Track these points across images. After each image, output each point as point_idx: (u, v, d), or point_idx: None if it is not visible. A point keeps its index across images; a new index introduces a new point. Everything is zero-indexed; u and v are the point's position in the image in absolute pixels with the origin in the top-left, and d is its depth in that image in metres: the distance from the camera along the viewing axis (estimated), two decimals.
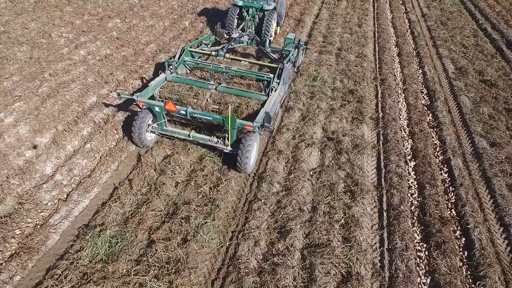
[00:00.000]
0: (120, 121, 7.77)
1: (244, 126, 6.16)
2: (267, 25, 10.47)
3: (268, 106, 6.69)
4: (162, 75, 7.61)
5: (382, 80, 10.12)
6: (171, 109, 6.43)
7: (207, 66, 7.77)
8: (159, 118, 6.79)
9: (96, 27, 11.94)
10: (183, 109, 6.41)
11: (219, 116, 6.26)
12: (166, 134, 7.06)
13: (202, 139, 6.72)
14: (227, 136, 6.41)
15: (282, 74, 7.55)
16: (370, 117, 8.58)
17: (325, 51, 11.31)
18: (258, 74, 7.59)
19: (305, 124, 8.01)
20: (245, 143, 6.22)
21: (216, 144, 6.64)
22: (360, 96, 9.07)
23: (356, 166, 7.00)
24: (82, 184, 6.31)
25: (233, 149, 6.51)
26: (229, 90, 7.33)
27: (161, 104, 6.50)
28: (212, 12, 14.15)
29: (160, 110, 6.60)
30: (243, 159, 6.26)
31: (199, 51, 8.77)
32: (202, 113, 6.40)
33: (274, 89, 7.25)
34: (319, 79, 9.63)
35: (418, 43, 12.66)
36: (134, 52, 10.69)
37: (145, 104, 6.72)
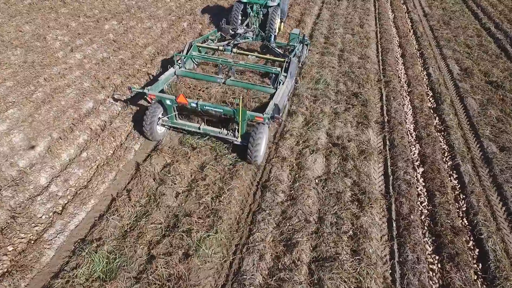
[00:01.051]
0: (117, 128, 7.50)
1: (254, 117, 6.26)
2: (271, 21, 10.53)
3: (277, 98, 6.78)
4: (171, 70, 7.69)
5: (386, 82, 9.88)
6: (182, 102, 6.46)
7: (216, 60, 7.87)
8: (170, 111, 6.87)
9: (92, 30, 11.65)
10: (194, 102, 6.46)
11: (230, 108, 6.35)
12: (176, 127, 7.15)
13: (212, 131, 6.82)
14: (237, 128, 6.50)
15: (289, 68, 7.67)
16: (375, 121, 8.34)
17: (327, 53, 11.06)
18: (266, 67, 7.75)
19: (309, 129, 7.76)
20: (255, 134, 6.30)
21: (226, 136, 6.74)
22: (365, 99, 8.83)
23: (363, 173, 6.76)
24: (78, 195, 6.04)
25: (243, 140, 6.59)
26: (237, 83, 7.40)
27: (172, 97, 6.57)
28: (211, 13, 13.87)
29: (171, 103, 6.66)
30: (253, 150, 6.34)
31: (206, 46, 8.87)
32: (212, 106, 6.45)
33: (282, 82, 7.37)
34: (322, 81, 9.38)
35: (422, 43, 12.42)
36: (132, 55, 10.41)
37: (156, 98, 6.78)
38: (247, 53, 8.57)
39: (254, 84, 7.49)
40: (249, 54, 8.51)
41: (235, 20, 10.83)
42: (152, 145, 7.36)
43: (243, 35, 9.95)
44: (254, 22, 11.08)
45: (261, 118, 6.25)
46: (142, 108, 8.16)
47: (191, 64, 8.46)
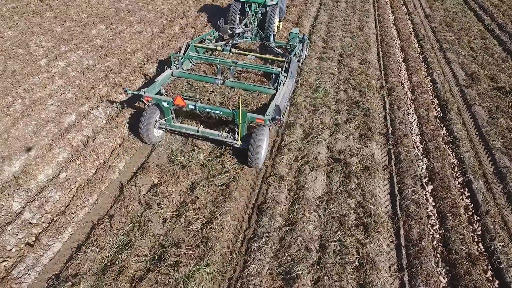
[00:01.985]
0: (100, 144, 6.91)
1: (255, 119, 6.04)
2: (270, 20, 10.31)
3: (278, 99, 6.56)
4: (168, 71, 7.47)
5: (389, 89, 9.34)
6: (180, 104, 6.22)
7: (214, 61, 7.64)
8: (167, 113, 6.68)
9: (78, 35, 11.04)
10: (192, 103, 6.25)
11: (229, 110, 6.13)
12: (174, 130, 6.93)
13: (211, 134, 6.61)
14: (237, 130, 6.29)
15: (290, 68, 7.44)
16: (379, 132, 7.80)
17: (326, 58, 10.51)
18: (266, 67, 7.51)
19: (308, 143, 7.20)
20: (256, 137, 6.09)
21: (225, 139, 6.53)
22: (367, 108, 8.28)
23: (367, 192, 6.21)
24: (54, 223, 5.45)
25: (243, 143, 6.38)
26: (236, 84, 7.16)
27: (169, 99, 6.37)
28: (205, 16, 13.29)
29: (168, 106, 6.46)
30: (254, 153, 6.13)
31: (204, 46, 8.65)
32: (211, 107, 6.25)
33: (282, 83, 7.13)
34: (322, 89, 8.83)
35: (424, 47, 11.90)
36: (119, 63, 9.82)
37: (152, 100, 6.54)
38: (246, 53, 8.33)
39: (254, 85, 7.20)
40: (248, 54, 8.28)
41: (233, 20, 10.58)
42: (138, 162, 6.78)
43: (241, 35, 9.72)
44: (253, 21, 10.82)
45: (262, 120, 6.01)
46: (134, 112, 7.59)
47: (189, 65, 8.21)
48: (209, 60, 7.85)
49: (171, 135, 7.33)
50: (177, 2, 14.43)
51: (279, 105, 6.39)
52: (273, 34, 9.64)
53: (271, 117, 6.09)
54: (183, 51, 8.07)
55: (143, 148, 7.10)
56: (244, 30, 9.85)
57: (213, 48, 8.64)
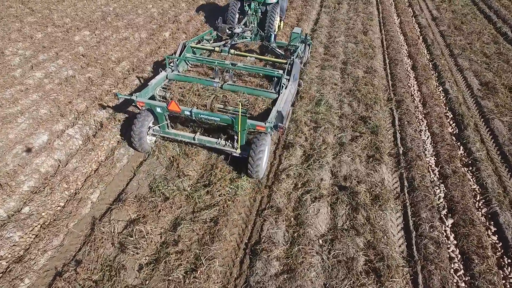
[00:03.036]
0: (72, 171, 6.06)
1: (255, 127, 5.64)
2: (270, 19, 9.85)
3: (280, 104, 6.15)
4: (163, 73, 6.99)
5: (398, 102, 8.49)
6: (174, 110, 5.82)
7: (212, 63, 7.16)
8: (161, 120, 6.25)
9: (59, 42, 10.19)
10: (187, 109, 5.84)
11: (228, 117, 5.71)
12: (168, 137, 6.50)
13: (208, 142, 6.22)
14: (236, 138, 5.89)
15: (292, 70, 7.00)
16: (388, 153, 6.95)
17: (328, 66, 9.66)
18: (268, 70, 7.10)
19: (309, 167, 6.36)
20: (257, 145, 5.68)
21: (224, 147, 6.13)
22: (374, 125, 7.43)
23: (378, 228, 5.36)
24: (8, 273, 4.60)
25: (243, 152, 5.99)
26: (236, 88, 6.71)
27: (163, 105, 5.94)
28: (197, 20, 12.44)
29: (162, 111, 6.05)
30: (255, 163, 5.69)
31: (201, 47, 8.18)
32: (208, 114, 5.84)
33: (285, 86, 6.65)
34: (324, 103, 7.98)
35: (433, 52, 11.04)
36: (102, 73, 8.97)
37: (145, 105, 6.13)
38: (245, 55, 7.94)
39: (254, 89, 6.72)
40: (247, 56, 7.89)
41: (232, 19, 10.10)
42: (115, 193, 5.92)
43: (241, 35, 9.24)
44: (252, 20, 10.35)
45: (263, 128, 5.60)
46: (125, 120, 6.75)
47: (185, 67, 7.77)
48: (206, 62, 7.37)
49: (155, 158, 6.48)
50: (169, 5, 13.57)
51: (282, 111, 5.90)
52: (274, 34, 9.18)
53: (273, 124, 5.61)
54: (179, 52, 7.58)
55: (121, 174, 6.25)
56: (244, 30, 9.36)
57: (211, 49, 8.17)
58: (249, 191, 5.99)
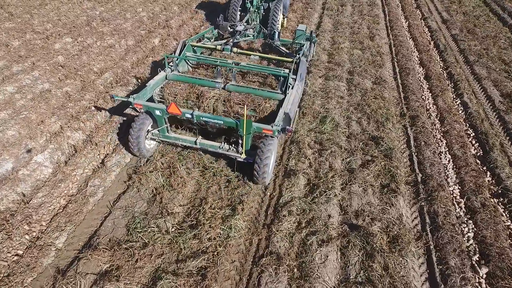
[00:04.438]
0: (38, 207, 5.16)
1: (262, 130, 5.31)
2: (273, 16, 9.43)
3: (287, 105, 5.80)
4: (162, 73, 6.63)
5: (412, 118, 7.58)
6: (175, 112, 5.51)
7: (214, 62, 6.77)
8: (160, 123, 5.89)
9: (38, 50, 9.28)
10: (188, 112, 5.51)
11: (232, 120, 5.38)
12: (168, 141, 6.14)
13: (211, 146, 5.88)
14: (241, 142, 5.53)
15: (299, 69, 6.63)
16: (405, 182, 6.04)
17: (333, 76, 8.75)
18: (273, 69, 6.70)
19: (314, 200, 5.46)
20: (263, 150, 5.34)
21: (227, 152, 5.78)
22: (388, 147, 6.53)
23: (398, 281, 4.46)
24: None
25: (248, 157, 5.64)
26: (239, 88, 6.35)
27: (162, 107, 5.63)
28: (190, 25, 11.53)
29: (162, 114, 5.71)
30: (261, 168, 5.35)
31: (202, 46, 7.83)
32: (211, 117, 5.50)
33: (291, 86, 6.28)
34: (329, 120, 7.07)
35: (447, 59, 10.13)
36: (81, 86, 8.06)
37: (143, 108, 5.77)
38: (249, 53, 7.50)
39: (259, 89, 6.36)
40: (251, 54, 7.46)
41: (233, 16, 9.73)
42: (85, 235, 5.01)
43: (243, 33, 8.86)
44: (255, 18, 9.95)
45: (270, 131, 5.26)
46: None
47: (185, 66, 7.38)
48: (208, 61, 6.99)
49: (134, 190, 5.57)
50: (160, 9, 12.66)
51: (289, 113, 5.57)
52: (277, 31, 8.67)
53: (280, 127, 5.24)
54: (179, 51, 7.21)
55: (95, 212, 5.34)
56: (246, 28, 8.97)
57: (212, 47, 7.81)
58: (244, 232, 5.08)
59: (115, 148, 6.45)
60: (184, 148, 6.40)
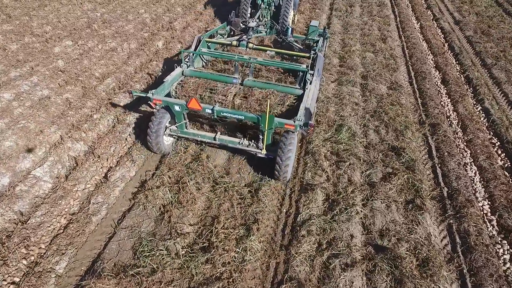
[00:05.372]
0: (36, 228, 4.75)
1: (284, 125, 5.26)
2: (285, 12, 9.44)
3: (307, 101, 5.78)
4: (178, 69, 6.63)
5: (432, 126, 7.18)
6: (195, 108, 5.45)
7: (232, 57, 6.72)
8: (179, 119, 5.89)
9: (37, 54, 8.89)
10: (209, 107, 5.43)
11: (254, 115, 5.32)
12: (187, 137, 6.15)
13: (231, 142, 5.87)
14: (262, 138, 5.50)
15: (316, 64, 6.57)
16: (431, 197, 5.64)
17: (346, 81, 8.35)
18: (292, 65, 6.75)
19: (334, 218, 5.06)
20: (285, 144, 5.29)
21: (247, 148, 5.78)
22: (409, 158, 6.12)
23: None
24: None
25: (268, 153, 5.63)
26: (257, 84, 6.34)
27: (182, 103, 5.57)
28: (194, 27, 11.12)
29: (181, 110, 5.68)
30: (283, 163, 5.30)
31: (217, 41, 7.77)
32: (232, 112, 5.45)
33: (310, 81, 6.24)
34: (345, 129, 6.67)
35: (463, 62, 9.73)
36: (83, 93, 7.67)
37: (162, 103, 5.74)
38: (265, 49, 7.52)
39: (278, 85, 6.36)
40: (267, 50, 7.47)
41: (244, 13, 9.72)
42: (88, 259, 4.61)
43: (255, 29, 8.85)
44: (266, 14, 9.95)
45: (292, 126, 5.20)
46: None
47: (199, 62, 7.38)
48: (225, 56, 6.93)
49: (141, 208, 5.17)
50: (163, 10, 12.25)
51: (309, 108, 5.57)
52: (291, 27, 8.70)
53: (302, 122, 5.18)
54: (194, 47, 7.22)
55: (98, 232, 4.94)
56: (258, 24, 9.02)
57: (227, 43, 7.79)
58: (261, 255, 4.68)
59: (119, 161, 6.05)
60: (193, 160, 6.01)
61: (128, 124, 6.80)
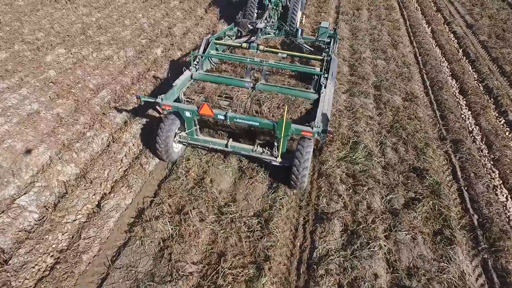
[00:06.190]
0: (20, 267, 4.18)
1: (301, 132, 5.02)
2: (293, 13, 9.06)
3: (324, 106, 5.50)
4: (187, 72, 6.36)
5: (454, 142, 6.62)
6: (207, 114, 5.20)
7: (243, 60, 6.50)
8: (190, 125, 5.65)
9: (27, 64, 8.32)
10: (221, 113, 5.20)
11: (269, 121, 5.09)
12: (197, 144, 5.89)
13: (243, 149, 5.63)
14: (277, 145, 5.31)
15: (330, 68, 6.26)
16: (461, 226, 5.08)
17: (358, 92, 7.79)
18: (306, 68, 6.49)
19: (355, 254, 4.50)
20: (302, 152, 5.03)
21: (261, 156, 5.52)
22: (433, 181, 5.57)
23: None
24: None
25: (284, 160, 5.38)
26: (270, 88, 6.07)
27: (193, 108, 5.34)
28: (195, 33, 10.55)
29: (192, 116, 5.43)
30: (301, 172, 5.06)
31: (226, 43, 7.56)
32: (246, 118, 5.18)
33: (324, 85, 5.94)
34: (361, 148, 6.11)
35: (481, 70, 9.18)
36: (75, 107, 7.10)
37: (172, 108, 5.47)
38: (276, 51, 7.13)
39: (292, 89, 6.07)
40: (278, 52, 7.04)
41: (251, 13, 9.43)
42: None
43: (264, 30, 8.45)
44: (273, 15, 9.57)
45: (310, 133, 4.95)
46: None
47: (208, 65, 7.13)
48: (236, 59, 6.68)
49: (138, 242, 4.61)
50: (162, 14, 11.68)
51: (327, 113, 5.27)
52: (300, 28, 8.42)
53: (321, 129, 4.92)
54: (203, 49, 6.93)
55: (89, 274, 4.37)
56: (266, 25, 8.61)
57: (237, 45, 7.53)
58: None
59: (114, 186, 5.48)
60: (195, 185, 5.44)
61: (124, 143, 6.23)
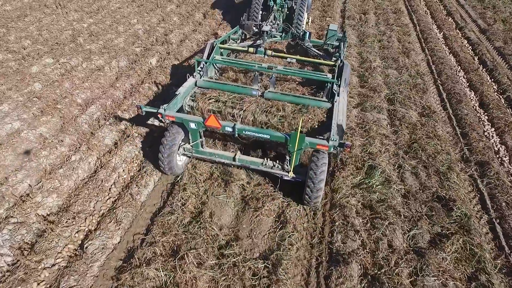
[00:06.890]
0: None
1: (316, 146, 4.64)
2: (299, 15, 8.75)
3: (338, 116, 5.15)
4: (191, 80, 6.01)
5: (479, 165, 6.00)
6: (213, 126, 4.86)
7: (251, 67, 6.13)
8: (195, 137, 5.31)
9: (11, 75, 7.69)
10: (229, 125, 4.89)
11: (281, 134, 4.76)
12: (203, 157, 5.56)
13: (252, 163, 5.30)
14: (289, 159, 4.93)
15: (343, 74, 5.91)
16: (498, 270, 4.45)
17: (370, 106, 7.16)
18: (318, 74, 6.09)
19: None
20: (317, 165, 4.64)
21: (271, 170, 5.18)
22: (462, 213, 4.94)
23: None
24: None
25: (297, 175, 5.02)
26: (280, 96, 5.69)
27: (199, 120, 4.99)
28: (193, 40, 9.91)
29: (197, 127, 5.10)
30: (315, 187, 4.65)
31: (233, 48, 7.14)
32: (256, 130, 4.85)
33: (337, 93, 5.57)
34: (378, 173, 5.48)
35: (500, 81, 8.55)
36: (61, 125, 6.47)
37: (176, 119, 5.12)
38: (286, 56, 6.69)
39: (304, 97, 5.68)
40: (287, 57, 6.63)
41: (255, 16, 9.07)
42: None
43: (269, 33, 8.05)
44: (278, 17, 9.18)
45: (326, 147, 4.62)
46: None
47: (212, 71, 6.70)
48: (243, 65, 6.24)
49: None
50: (158, 20, 11.03)
51: (341, 124, 4.96)
52: (308, 31, 7.90)
53: (337, 142, 4.56)
54: (207, 54, 6.56)
55: None
56: (272, 28, 8.23)
57: (243, 50, 7.04)
58: None
59: (100, 221, 4.84)
60: (193, 219, 4.81)
61: (113, 168, 5.59)
